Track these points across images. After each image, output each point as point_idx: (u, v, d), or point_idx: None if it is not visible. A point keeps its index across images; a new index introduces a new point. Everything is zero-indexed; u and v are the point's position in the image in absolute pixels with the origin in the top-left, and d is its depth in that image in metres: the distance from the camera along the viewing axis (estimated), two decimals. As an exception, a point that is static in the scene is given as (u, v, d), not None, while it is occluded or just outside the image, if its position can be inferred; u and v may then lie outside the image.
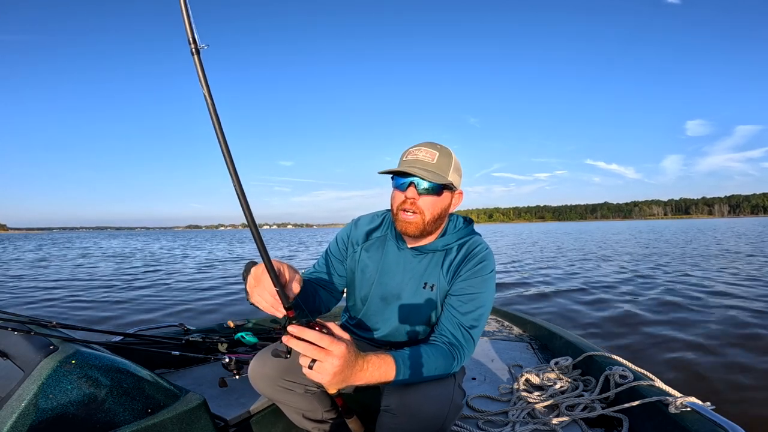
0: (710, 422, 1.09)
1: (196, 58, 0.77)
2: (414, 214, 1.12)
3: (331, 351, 0.80)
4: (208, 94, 0.77)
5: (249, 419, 1.41)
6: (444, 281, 1.17)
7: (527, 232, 45.73)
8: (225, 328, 2.07)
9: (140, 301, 6.10)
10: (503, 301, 5.78)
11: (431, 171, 1.10)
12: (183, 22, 0.75)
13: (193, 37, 0.76)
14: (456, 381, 1.08)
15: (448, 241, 1.20)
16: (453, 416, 1.04)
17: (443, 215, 1.17)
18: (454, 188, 1.17)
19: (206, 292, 6.80)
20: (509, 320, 2.86)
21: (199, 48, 0.77)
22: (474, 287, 1.13)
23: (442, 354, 1.03)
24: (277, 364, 1.17)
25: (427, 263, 1.20)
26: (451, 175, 1.13)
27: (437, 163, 1.11)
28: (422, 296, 1.18)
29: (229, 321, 2.14)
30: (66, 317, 5.02)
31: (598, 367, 1.62)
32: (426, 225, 1.13)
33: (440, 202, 1.14)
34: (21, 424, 0.84)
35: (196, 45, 0.77)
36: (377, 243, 1.29)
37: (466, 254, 1.18)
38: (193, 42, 0.76)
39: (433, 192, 1.11)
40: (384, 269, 1.24)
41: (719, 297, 5.48)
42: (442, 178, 1.10)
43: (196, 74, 0.78)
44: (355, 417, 1.18)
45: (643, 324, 4.23)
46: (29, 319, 1.27)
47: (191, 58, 0.77)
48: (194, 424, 1.04)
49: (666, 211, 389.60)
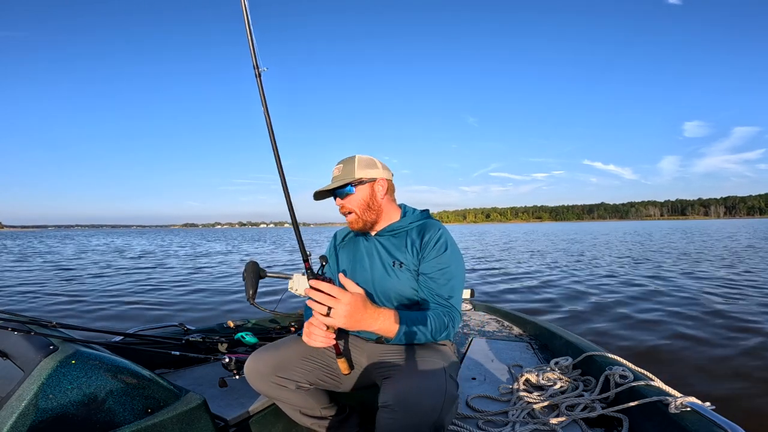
0: (710, 422, 1.09)
1: (258, 81, 0.90)
2: (349, 214, 1.37)
3: (340, 299, 1.00)
4: (266, 113, 0.92)
5: (249, 419, 1.41)
6: (411, 258, 1.32)
7: (517, 233, 45.80)
8: (225, 328, 2.07)
9: (140, 301, 6.10)
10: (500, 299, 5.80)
11: (337, 180, 1.35)
12: (249, 49, 0.88)
13: (256, 62, 0.89)
14: (447, 373, 1.11)
15: (404, 223, 1.39)
16: (449, 407, 1.06)
17: (373, 203, 1.37)
18: (367, 180, 1.36)
19: (206, 292, 6.80)
20: (509, 320, 2.86)
21: (260, 71, 0.89)
22: (442, 263, 1.28)
23: (437, 315, 1.20)
24: (271, 361, 1.25)
25: (392, 244, 1.37)
26: (357, 172, 1.34)
27: (342, 174, 1.35)
28: (394, 273, 1.33)
29: (229, 321, 2.14)
30: (66, 317, 5.02)
31: (598, 367, 1.62)
32: (363, 216, 1.36)
33: (360, 196, 1.35)
34: (21, 424, 0.84)
35: (258, 69, 0.89)
36: (350, 242, 1.50)
37: (423, 234, 1.34)
38: (256, 66, 0.89)
39: (349, 192, 1.35)
40: (356, 259, 1.42)
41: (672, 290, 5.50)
42: (348, 179, 1.33)
43: (258, 94, 0.92)
44: (344, 358, 1.24)
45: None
46: (29, 319, 1.27)
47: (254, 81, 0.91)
48: (194, 424, 1.05)
49: (662, 212, 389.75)
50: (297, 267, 10.94)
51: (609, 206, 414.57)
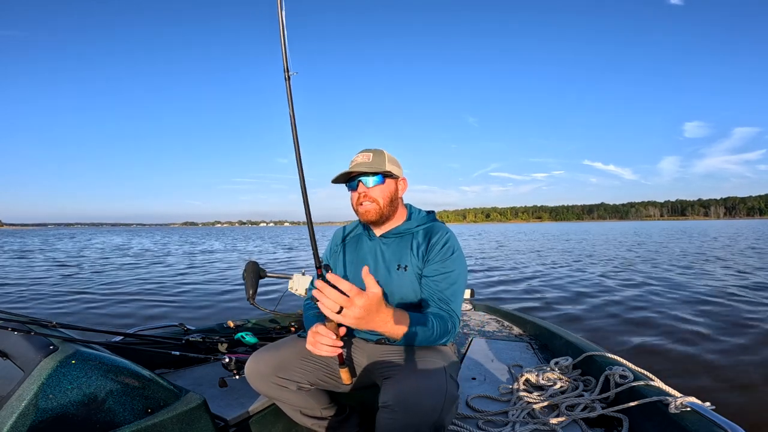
0: (710, 422, 1.09)
1: (287, 84, 0.92)
2: (370, 202, 1.32)
3: (355, 301, 0.93)
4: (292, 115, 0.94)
5: (249, 419, 1.41)
6: (416, 261, 1.31)
7: (514, 233, 45.78)
8: (225, 328, 2.07)
9: (140, 301, 6.10)
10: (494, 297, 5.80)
11: (369, 166, 1.31)
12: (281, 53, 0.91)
13: (286, 66, 0.92)
14: (447, 372, 1.11)
15: (411, 225, 1.38)
16: (449, 407, 1.06)
17: (395, 199, 1.37)
18: (396, 176, 1.36)
19: (206, 292, 6.80)
20: (509, 320, 2.86)
21: (290, 75, 0.92)
22: (446, 267, 1.28)
23: (441, 320, 1.19)
24: (271, 362, 1.24)
25: (397, 246, 1.35)
26: (388, 165, 1.33)
27: (373, 161, 1.32)
28: (399, 276, 1.32)
29: (229, 321, 2.14)
30: (66, 317, 5.02)
31: (598, 367, 1.62)
32: (383, 209, 1.33)
33: (387, 188, 1.34)
34: (21, 424, 0.84)
35: (288, 72, 0.92)
36: (352, 241, 1.48)
37: (430, 238, 1.33)
38: (287, 70, 0.92)
39: (378, 182, 1.32)
40: (359, 260, 1.40)
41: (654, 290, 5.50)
42: (380, 168, 1.31)
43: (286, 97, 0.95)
44: (347, 368, 1.22)
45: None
46: (29, 319, 1.26)
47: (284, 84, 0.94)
48: (194, 424, 1.05)
49: (662, 212, 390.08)
50: (297, 267, 10.95)
51: (609, 206, 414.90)
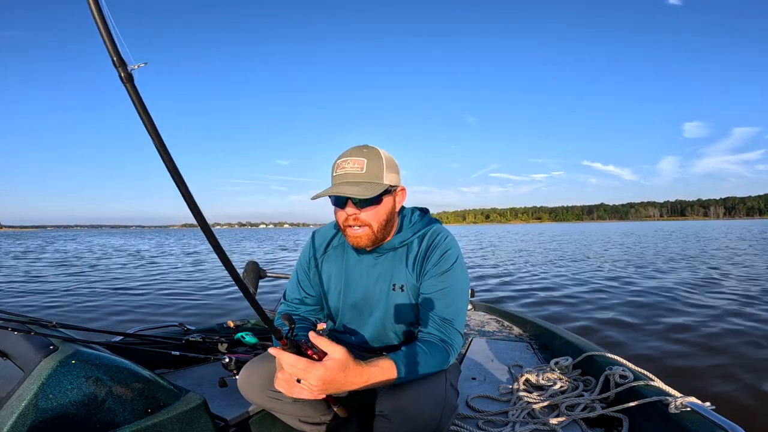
0: (710, 422, 1.09)
1: (129, 86, 0.54)
2: (361, 227, 1.07)
3: (310, 373, 0.85)
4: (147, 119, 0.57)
5: (249, 419, 1.41)
6: (412, 278, 1.14)
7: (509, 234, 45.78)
8: (225, 328, 2.07)
9: (140, 300, 6.10)
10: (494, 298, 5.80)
11: (363, 183, 1.03)
12: (103, 41, 0.51)
13: (120, 59, 0.52)
14: (447, 381, 1.07)
15: (405, 237, 1.16)
16: (448, 417, 1.04)
17: (391, 218, 1.12)
18: (394, 188, 1.11)
19: (206, 291, 6.80)
20: (509, 320, 2.86)
21: (130, 72, 0.53)
22: (444, 281, 1.11)
23: (436, 349, 1.04)
24: (265, 374, 1.16)
25: (390, 263, 1.17)
26: (386, 177, 1.06)
27: (368, 172, 1.04)
28: (394, 299, 1.16)
29: (229, 321, 2.14)
30: (66, 317, 5.02)
31: (598, 367, 1.62)
32: (377, 234, 1.09)
33: (383, 209, 1.08)
34: (21, 424, 0.84)
35: (125, 69, 0.53)
36: (336, 252, 1.25)
37: (427, 246, 1.15)
38: (118, 63, 0.52)
39: (372, 203, 1.05)
40: (348, 277, 1.21)
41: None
42: (376, 188, 1.03)
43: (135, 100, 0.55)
44: (342, 405, 1.19)
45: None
46: (29, 319, 1.26)
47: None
48: (194, 424, 1.04)
49: (662, 212, 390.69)
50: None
51: (608, 207, 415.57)
